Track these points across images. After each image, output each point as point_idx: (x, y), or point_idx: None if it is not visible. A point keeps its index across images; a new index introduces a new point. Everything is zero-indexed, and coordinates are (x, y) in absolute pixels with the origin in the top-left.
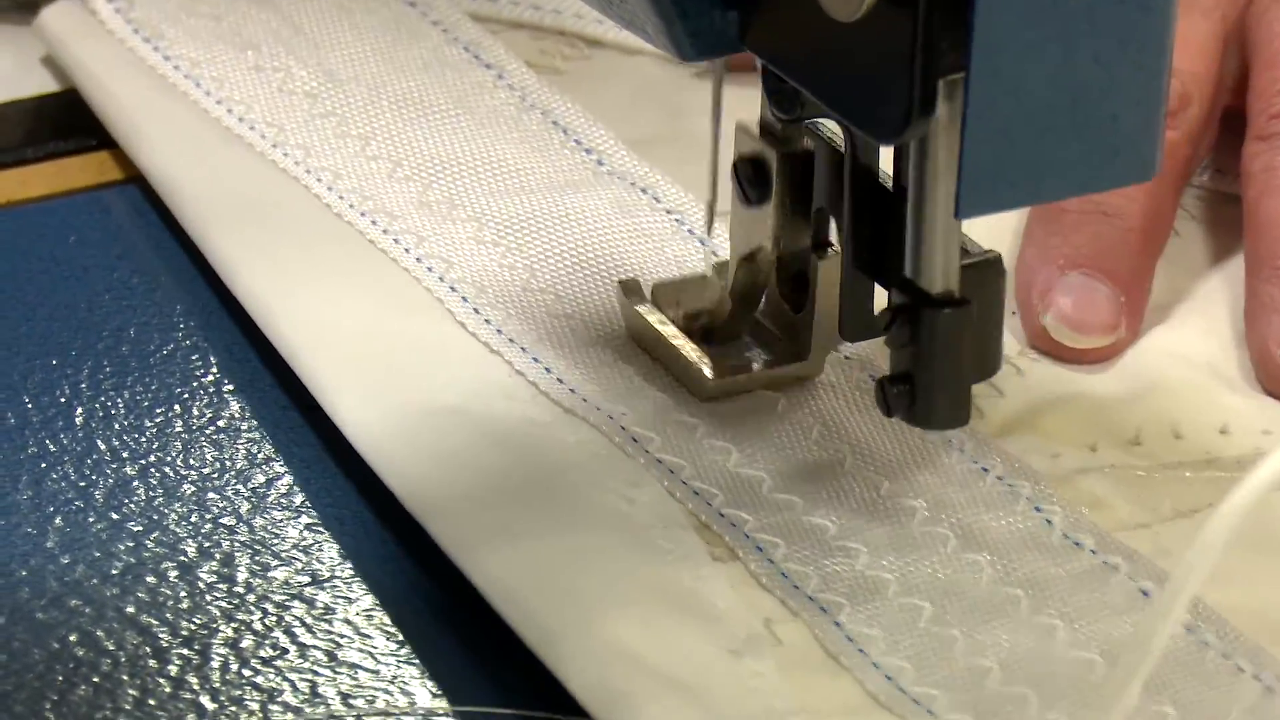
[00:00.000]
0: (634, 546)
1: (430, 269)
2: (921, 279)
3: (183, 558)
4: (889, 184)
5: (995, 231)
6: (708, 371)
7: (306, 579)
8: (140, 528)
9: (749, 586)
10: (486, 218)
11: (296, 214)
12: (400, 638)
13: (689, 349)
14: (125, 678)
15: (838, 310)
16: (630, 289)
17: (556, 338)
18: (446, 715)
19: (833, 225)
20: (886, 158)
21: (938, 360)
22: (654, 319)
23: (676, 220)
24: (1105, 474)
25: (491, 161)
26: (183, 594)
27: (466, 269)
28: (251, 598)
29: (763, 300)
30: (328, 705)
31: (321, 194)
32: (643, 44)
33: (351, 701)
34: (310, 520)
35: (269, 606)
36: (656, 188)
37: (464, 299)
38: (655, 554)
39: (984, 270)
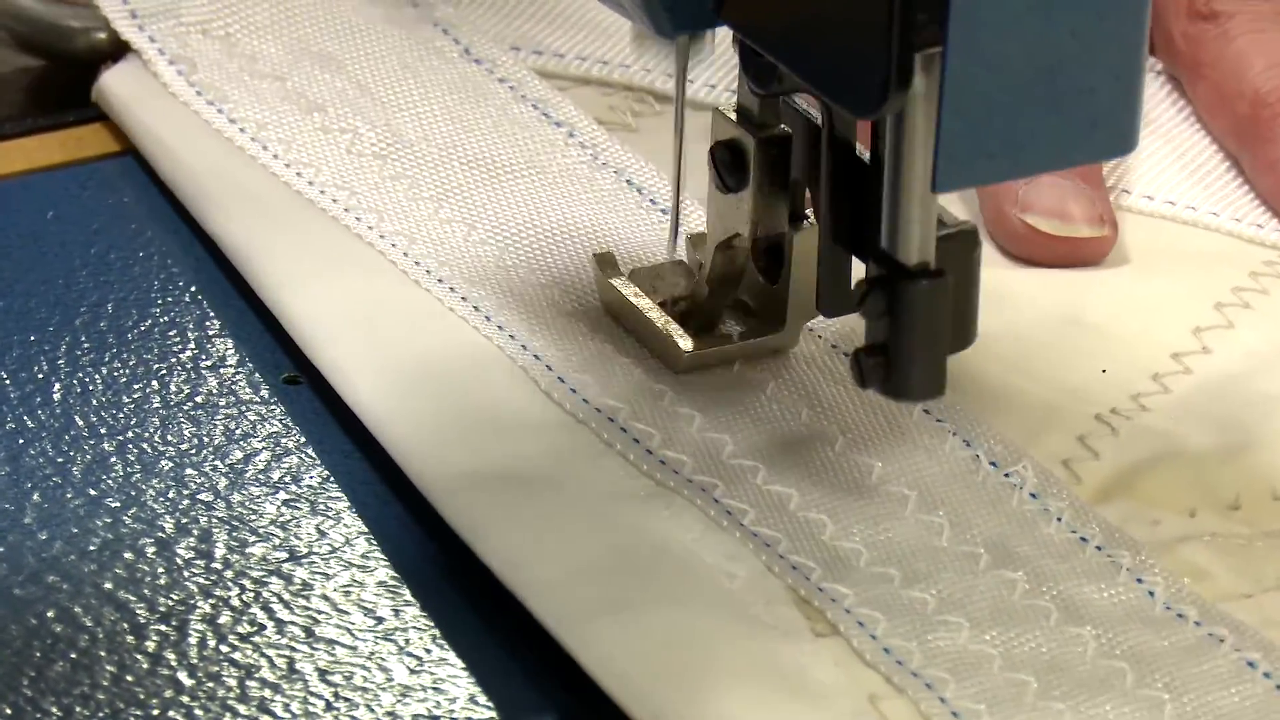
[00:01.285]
0: (739, 624)
1: (513, 336)
2: (898, 251)
3: (160, 534)
4: (865, 158)
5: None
6: (682, 343)
7: (284, 555)
8: (118, 504)
9: (852, 663)
10: (567, 282)
11: (373, 279)
12: (377, 614)
13: (663, 321)
14: (103, 653)
15: (814, 282)
16: (605, 262)
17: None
18: (424, 690)
19: (808, 198)
20: (863, 132)
21: (914, 332)
22: (629, 292)
23: None
24: (1206, 542)
25: (567, 224)
26: (160, 570)
27: (550, 336)
28: (229, 574)
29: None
30: (305, 681)
31: (397, 260)
32: (714, 99)
33: (329, 677)
34: (288, 496)
35: (246, 583)
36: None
37: (548, 367)
38: (759, 630)
39: (960, 241)
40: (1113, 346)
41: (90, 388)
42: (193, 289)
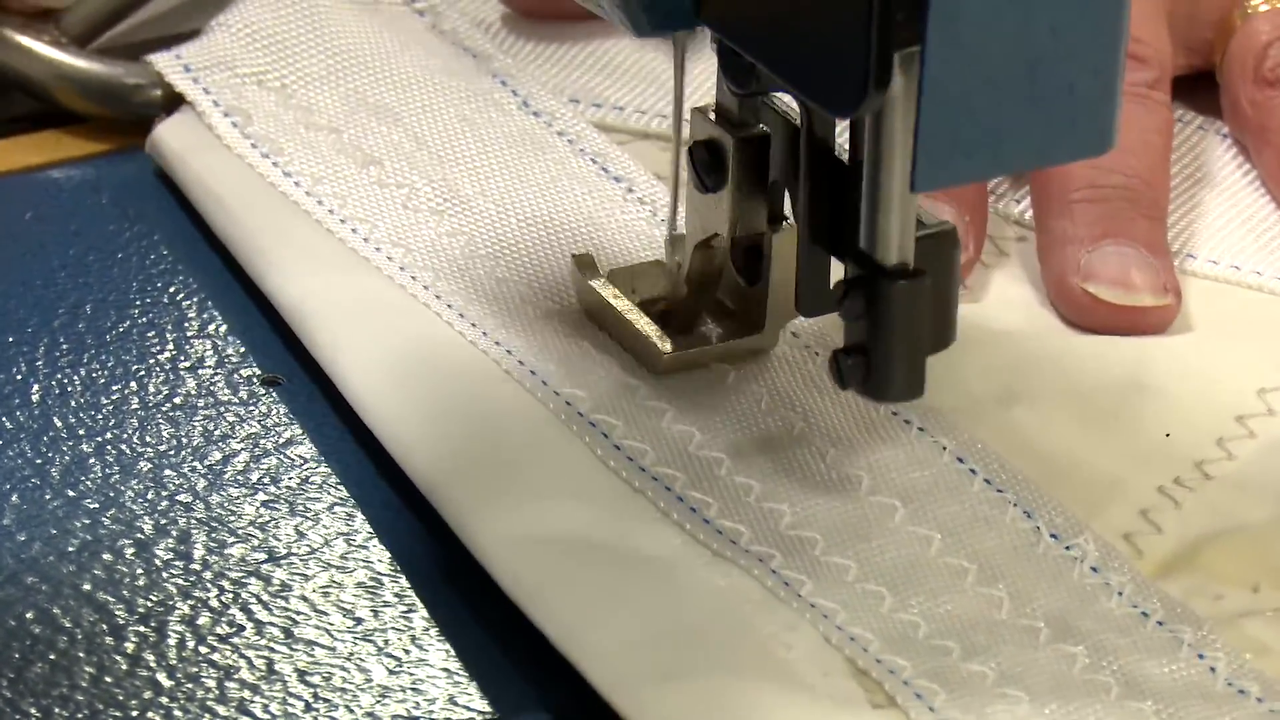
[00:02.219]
0: (796, 694)
1: (569, 403)
2: (877, 251)
3: (139, 535)
4: (844, 158)
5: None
6: (662, 345)
7: (263, 556)
8: (97, 505)
9: None
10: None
11: (427, 338)
12: (356, 615)
13: (643, 323)
14: (82, 655)
15: (793, 283)
16: (584, 264)
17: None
18: (402, 691)
19: (787, 199)
20: (842, 131)
21: (893, 332)
22: (608, 294)
23: None
24: (1269, 618)
25: None
26: (139, 571)
27: (604, 392)
28: (208, 575)
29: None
30: (284, 681)
31: (453, 321)
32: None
33: (308, 678)
34: (266, 498)
35: (225, 584)
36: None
37: (604, 435)
38: (816, 701)
39: (939, 241)
40: (1176, 411)
41: (69, 389)
42: (171, 290)
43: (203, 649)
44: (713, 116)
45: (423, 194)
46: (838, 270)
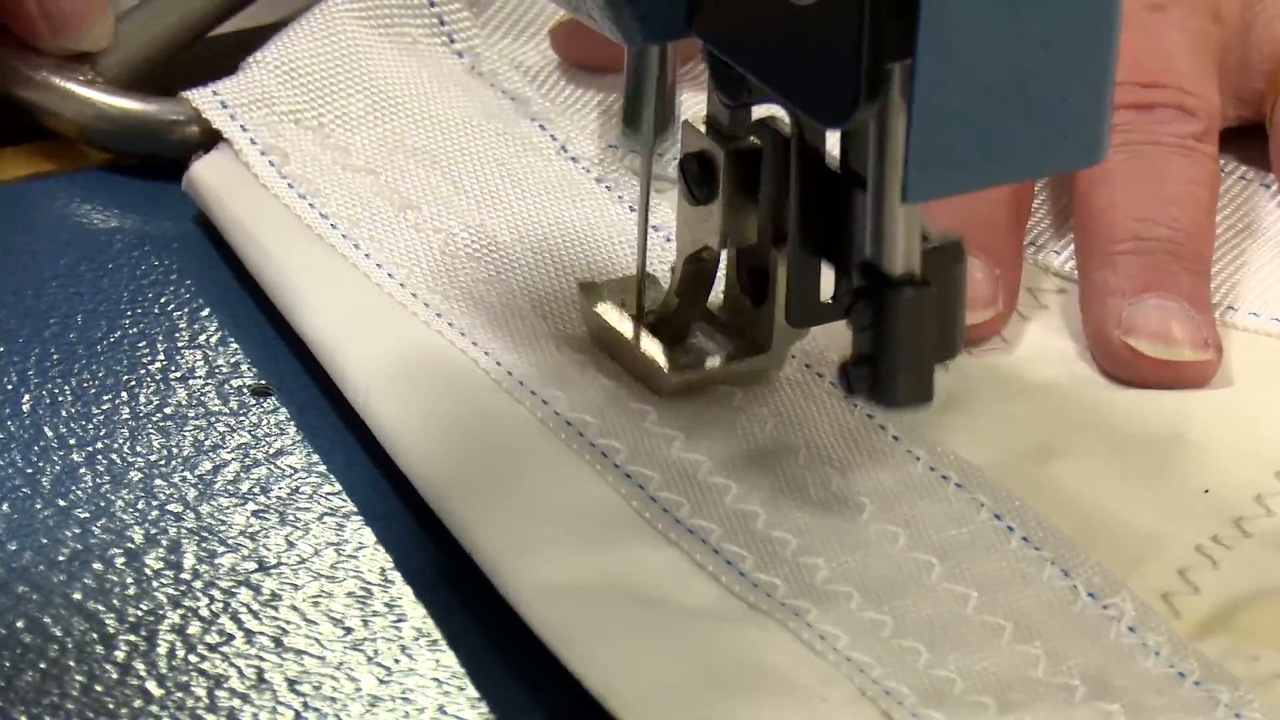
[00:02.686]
0: None
1: (605, 454)
2: (883, 261)
3: (130, 544)
4: (836, 168)
5: None
6: (667, 368)
7: (253, 566)
8: (87, 514)
9: None
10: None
11: (463, 389)
12: (346, 624)
13: (650, 346)
14: (72, 664)
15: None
16: (589, 290)
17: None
18: (392, 700)
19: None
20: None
21: (900, 341)
22: (612, 319)
23: None
24: None
25: None
26: (129, 580)
27: (651, 453)
28: (198, 584)
29: (723, 297)
30: (274, 691)
31: (490, 369)
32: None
33: (298, 687)
34: (256, 507)
35: (215, 593)
36: None
37: (640, 487)
38: None
39: (945, 253)
40: (1215, 466)
41: (59, 399)
42: (161, 300)
43: (193, 658)
44: (703, 129)
45: (459, 239)
46: (827, 282)
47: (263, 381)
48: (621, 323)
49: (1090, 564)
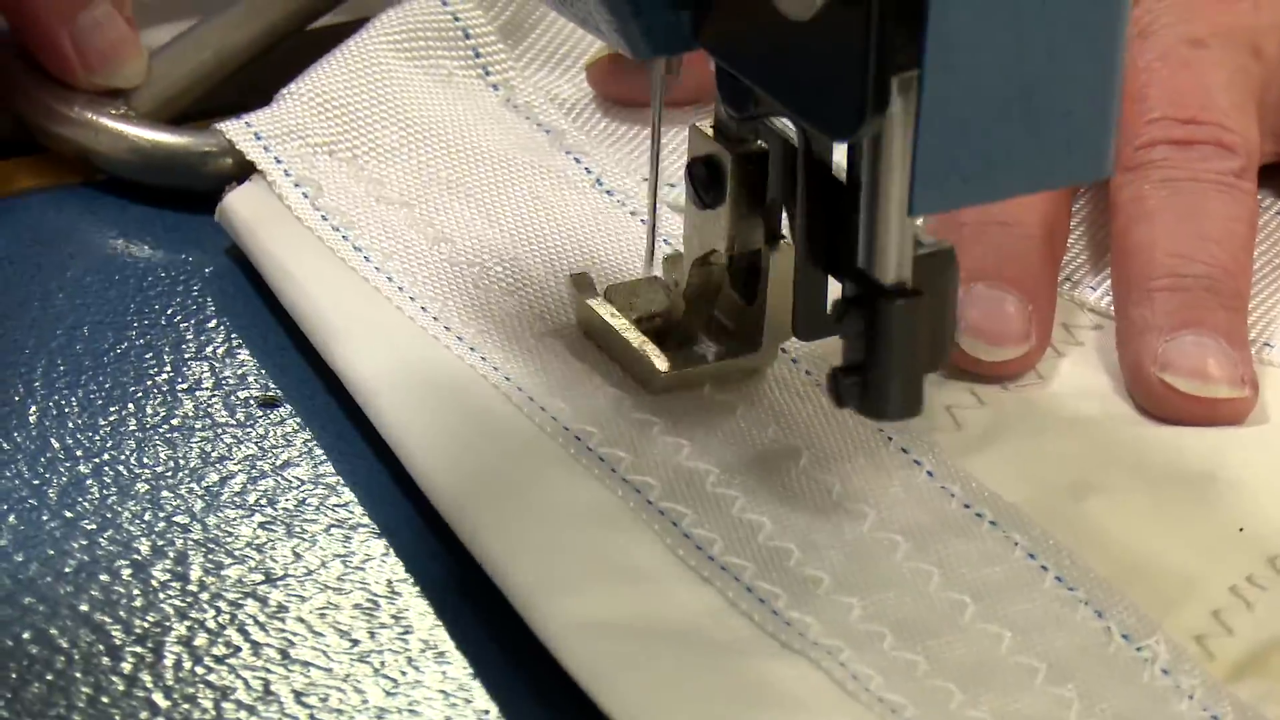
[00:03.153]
0: None
1: (639, 490)
2: (875, 270)
3: (136, 556)
4: (842, 177)
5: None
6: (659, 364)
7: (260, 577)
8: (94, 526)
9: None
10: (710, 452)
11: (498, 423)
12: (353, 636)
13: (640, 341)
14: (79, 675)
15: (790, 301)
16: (581, 283)
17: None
18: (399, 712)
19: (784, 218)
20: (839, 151)
21: (890, 351)
22: (605, 312)
23: None
24: None
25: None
26: (136, 592)
27: (686, 489)
28: (205, 596)
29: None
30: (281, 703)
31: (523, 405)
32: None
33: (305, 699)
34: (263, 519)
35: (222, 605)
36: None
37: (674, 524)
38: None
39: (937, 261)
40: (1250, 504)
41: (66, 410)
42: (168, 312)
43: (199, 670)
44: (711, 133)
45: (494, 273)
46: (834, 293)
47: (270, 393)
48: (613, 318)
49: (1124, 605)
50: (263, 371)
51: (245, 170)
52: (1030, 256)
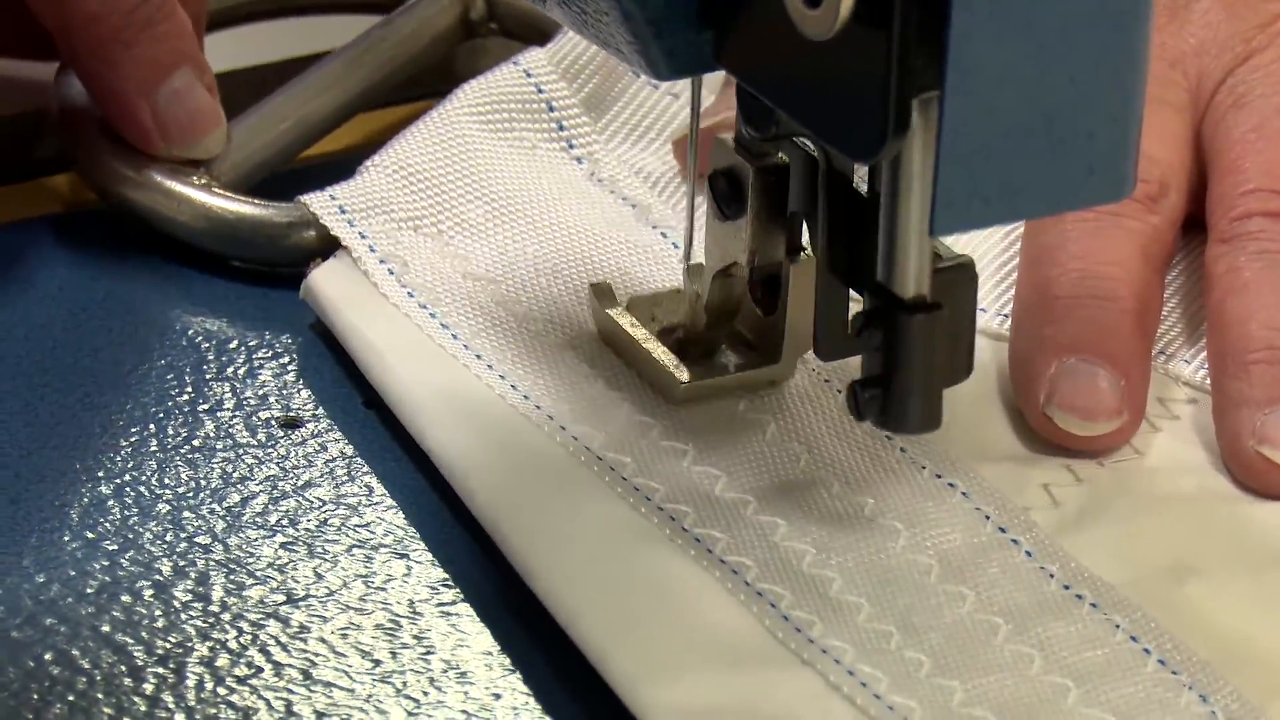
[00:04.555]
0: None
1: (737, 570)
2: (894, 284)
3: (158, 576)
4: (864, 190)
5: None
6: (679, 374)
7: (281, 598)
8: (115, 546)
9: None
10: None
11: (593, 505)
12: (375, 656)
13: (661, 352)
14: (101, 696)
15: (811, 313)
16: (601, 293)
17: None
18: None
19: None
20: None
21: (910, 364)
22: (625, 322)
23: None
24: None
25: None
26: (158, 613)
27: (782, 569)
28: (227, 616)
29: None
30: None
31: (616, 484)
32: None
33: None
34: (285, 539)
35: (244, 625)
36: None
37: (793, 625)
38: None
39: (956, 274)
40: None
41: (88, 430)
42: (189, 333)
43: (221, 690)
44: (732, 145)
45: (582, 350)
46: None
47: (291, 414)
48: (633, 328)
49: (1228, 690)
50: (284, 392)
51: (328, 244)
52: (1123, 330)
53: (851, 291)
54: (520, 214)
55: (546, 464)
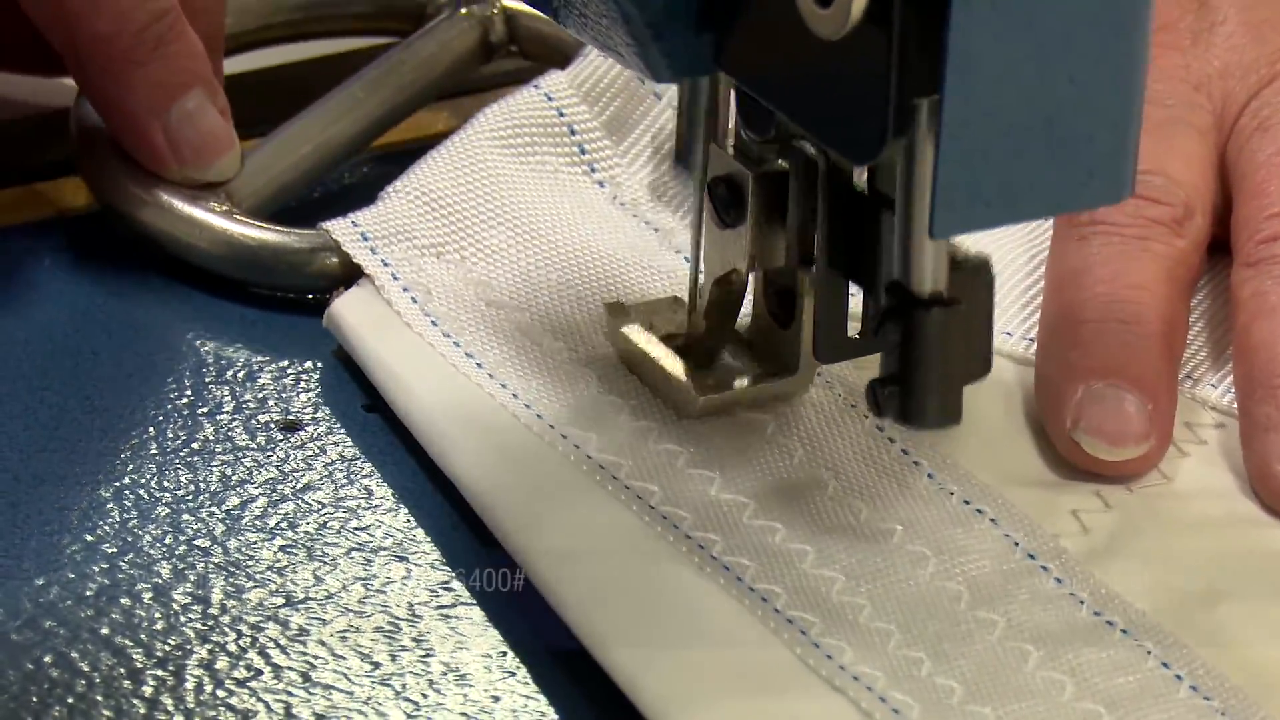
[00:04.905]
0: None
1: (766, 599)
2: (911, 281)
3: (157, 579)
4: (864, 190)
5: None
6: (695, 390)
7: (280, 600)
8: (115, 549)
9: None
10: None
11: (625, 535)
12: (374, 659)
13: (677, 368)
14: (100, 699)
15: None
16: (616, 311)
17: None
18: None
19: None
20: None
21: (928, 360)
22: (640, 339)
23: None
24: None
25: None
26: (157, 615)
27: (812, 597)
28: (226, 619)
29: (750, 319)
30: None
31: (644, 514)
32: None
33: None
34: (284, 542)
35: (243, 628)
36: None
37: (823, 652)
38: None
39: (973, 272)
40: None
41: (88, 434)
42: (189, 336)
43: (220, 693)
44: (732, 152)
45: (609, 379)
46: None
47: (291, 416)
48: (649, 344)
49: (1261, 716)
50: (283, 395)
51: (349, 270)
52: (1150, 354)
53: (851, 291)
54: (543, 239)
55: (573, 492)
